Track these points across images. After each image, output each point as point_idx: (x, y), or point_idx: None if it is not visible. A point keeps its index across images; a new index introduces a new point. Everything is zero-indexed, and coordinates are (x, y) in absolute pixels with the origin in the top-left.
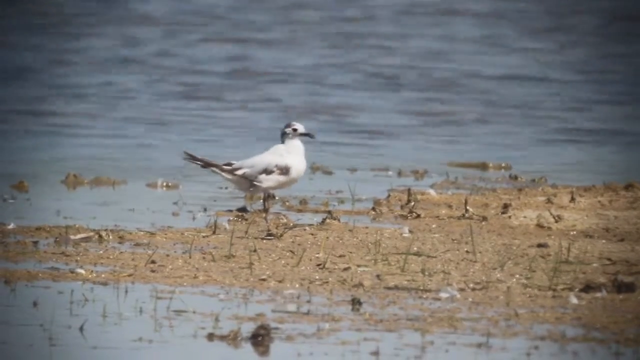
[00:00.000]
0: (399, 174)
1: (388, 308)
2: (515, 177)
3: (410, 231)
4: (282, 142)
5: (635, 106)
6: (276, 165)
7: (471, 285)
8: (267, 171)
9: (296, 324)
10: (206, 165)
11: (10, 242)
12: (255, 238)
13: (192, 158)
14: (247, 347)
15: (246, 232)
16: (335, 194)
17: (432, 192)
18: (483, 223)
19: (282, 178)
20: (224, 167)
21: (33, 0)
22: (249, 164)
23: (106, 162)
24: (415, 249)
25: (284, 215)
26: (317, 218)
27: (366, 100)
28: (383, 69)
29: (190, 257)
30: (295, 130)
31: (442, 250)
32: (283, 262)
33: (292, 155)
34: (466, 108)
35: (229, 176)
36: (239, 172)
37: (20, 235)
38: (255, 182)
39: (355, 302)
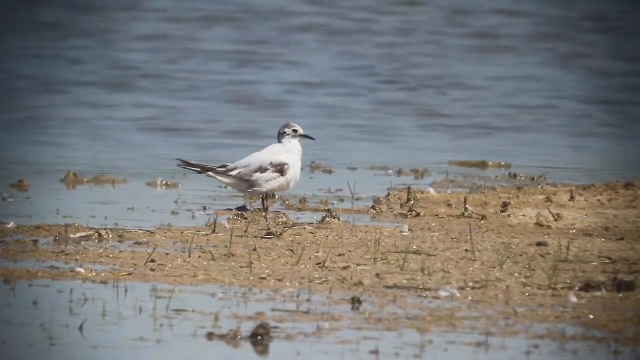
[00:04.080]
0: (399, 172)
1: (388, 307)
2: (515, 176)
3: (410, 230)
4: (280, 142)
5: (636, 105)
6: (271, 163)
7: (471, 284)
8: (262, 169)
9: (296, 323)
10: (203, 170)
11: (10, 241)
12: (255, 237)
13: (187, 165)
14: (247, 346)
15: (246, 231)
16: (335, 193)
17: (431, 190)
18: (482, 222)
19: (276, 176)
20: (219, 169)
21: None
22: (243, 164)
23: (106, 161)
24: (414, 247)
25: (283, 214)
26: (317, 217)
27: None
28: (382, 69)
29: (189, 256)
30: (295, 131)
31: (441, 249)
32: (283, 261)
33: (290, 154)
34: (466, 107)
35: (225, 179)
36: (234, 173)
37: (20, 234)
38: (250, 180)
39: (355, 301)
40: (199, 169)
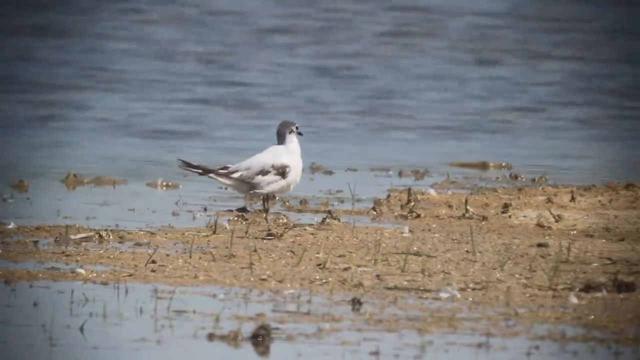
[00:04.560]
0: (400, 173)
1: (388, 308)
2: (516, 177)
3: (410, 231)
4: (280, 142)
5: (637, 105)
6: (272, 166)
7: (471, 285)
8: (264, 172)
9: (296, 324)
10: (204, 172)
11: (10, 241)
12: (256, 238)
13: (188, 166)
14: (248, 347)
15: (246, 232)
16: (336, 194)
17: (432, 191)
18: (483, 223)
19: (277, 179)
20: (220, 171)
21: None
22: (245, 166)
23: (106, 162)
24: (415, 248)
25: (284, 215)
26: (317, 218)
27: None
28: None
29: (190, 257)
30: (297, 128)
31: (442, 250)
32: (283, 262)
33: (292, 155)
34: (466, 107)
35: (226, 180)
36: (235, 175)
37: (20, 235)
38: (252, 183)
39: (356, 302)
40: (200, 171)
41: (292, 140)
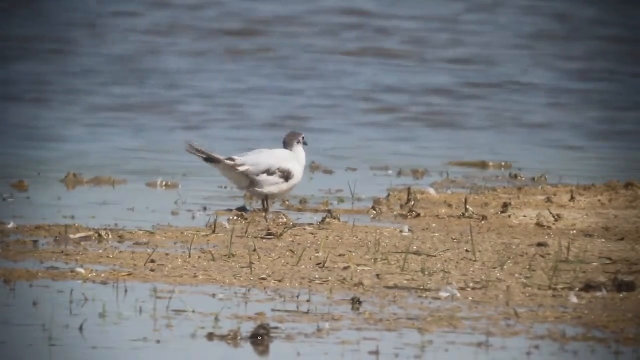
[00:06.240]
0: (399, 173)
1: (388, 307)
2: (515, 176)
3: (409, 230)
4: (287, 148)
5: (636, 104)
6: (279, 168)
7: (471, 284)
8: (270, 172)
9: (296, 323)
10: (209, 158)
11: (9, 241)
12: (255, 237)
13: (195, 149)
14: (247, 346)
15: (246, 231)
16: (335, 193)
17: (431, 191)
18: (483, 222)
19: (280, 181)
20: (226, 161)
21: None
22: (252, 162)
23: (106, 161)
24: (414, 248)
25: (283, 215)
26: (317, 217)
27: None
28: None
29: (189, 256)
30: (303, 138)
31: (441, 249)
32: (283, 261)
33: (297, 164)
34: (467, 106)
35: (230, 171)
36: (241, 168)
37: (20, 234)
38: (255, 179)
39: (355, 301)
40: (205, 156)
41: (300, 150)
